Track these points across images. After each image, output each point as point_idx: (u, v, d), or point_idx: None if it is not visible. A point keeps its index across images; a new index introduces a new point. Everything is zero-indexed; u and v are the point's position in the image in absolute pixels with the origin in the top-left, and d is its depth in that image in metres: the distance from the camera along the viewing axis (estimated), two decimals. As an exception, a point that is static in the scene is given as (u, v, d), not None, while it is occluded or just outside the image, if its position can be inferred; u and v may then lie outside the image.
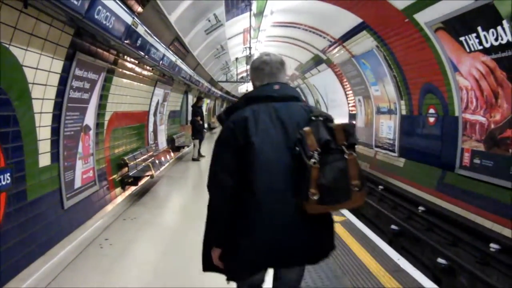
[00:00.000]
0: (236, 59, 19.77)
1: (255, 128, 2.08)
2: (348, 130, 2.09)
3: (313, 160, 1.97)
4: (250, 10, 11.36)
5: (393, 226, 8.26)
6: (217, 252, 2.17)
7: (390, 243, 7.66)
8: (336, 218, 6.21)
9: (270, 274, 2.34)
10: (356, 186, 2.00)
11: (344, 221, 6.10)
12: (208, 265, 2.26)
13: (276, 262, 2.13)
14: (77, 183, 5.08)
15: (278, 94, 2.22)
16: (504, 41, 7.17)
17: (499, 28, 7.13)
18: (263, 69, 2.36)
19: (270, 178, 2.03)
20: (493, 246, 6.94)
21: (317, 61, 19.95)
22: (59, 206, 4.54)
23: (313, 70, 22.13)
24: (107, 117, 6.33)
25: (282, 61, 2.46)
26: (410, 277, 4.09)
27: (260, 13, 12.05)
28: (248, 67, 17.52)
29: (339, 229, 5.68)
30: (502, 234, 7.41)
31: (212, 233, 2.22)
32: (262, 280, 2.36)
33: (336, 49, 16.12)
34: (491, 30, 7.34)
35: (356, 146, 2.09)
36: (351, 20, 12.27)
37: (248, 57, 15.69)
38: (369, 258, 4.60)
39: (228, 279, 2.20)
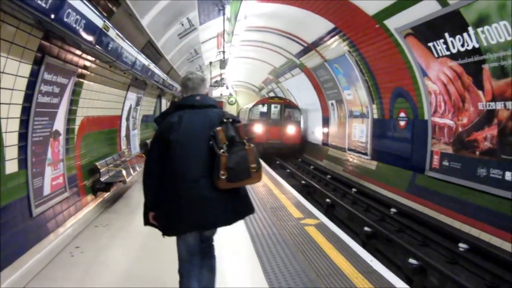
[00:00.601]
0: (210, 63, 19.69)
1: (179, 129, 2.88)
2: (247, 128, 2.98)
3: (222, 150, 2.81)
4: (224, 14, 11.35)
5: (366, 228, 8.39)
6: (152, 214, 3.04)
7: (364, 245, 7.77)
8: (310, 221, 6.29)
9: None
10: (254, 168, 2.91)
11: (318, 224, 6.16)
12: (146, 222, 3.12)
13: (199, 227, 2.96)
14: (46, 190, 4.94)
15: (198, 103, 3.03)
16: (470, 47, 7.42)
17: (465, 34, 7.37)
18: (188, 84, 3.15)
19: (189, 165, 2.84)
20: (462, 245, 7.14)
21: (290, 65, 20.11)
22: (27, 214, 4.40)
23: (287, 75, 22.29)
24: (77, 122, 6.19)
25: (203, 78, 3.23)
26: (383, 278, 4.16)
27: (233, 18, 12.06)
28: (221, 71, 17.00)
29: (313, 232, 5.73)
30: (470, 234, 7.65)
31: (146, 200, 3.07)
32: (196, 246, 3.08)
33: (309, 54, 16.28)
34: (457, 37, 7.59)
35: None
36: (323, 25, 12.45)
37: (222, 61, 15.66)
38: (342, 260, 4.66)
39: (163, 235, 3.02)
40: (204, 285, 3.15)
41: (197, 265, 3.09)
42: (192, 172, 2.84)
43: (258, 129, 20.87)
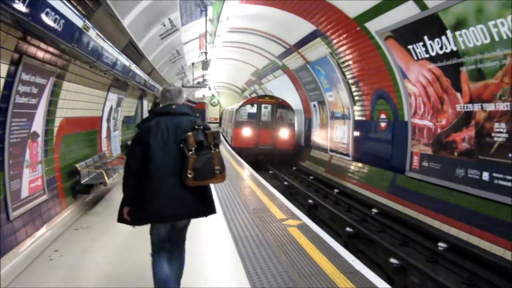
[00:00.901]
0: (193, 64, 19.59)
1: (155, 132, 3.27)
2: (215, 135, 3.38)
3: (191, 152, 3.20)
4: (206, 15, 11.31)
5: (348, 229, 8.46)
6: (127, 209, 3.39)
7: (346, 245, 7.84)
8: (293, 222, 6.31)
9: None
10: (218, 170, 3.31)
11: (301, 224, 6.19)
12: (120, 219, 3.48)
13: (168, 219, 3.34)
14: (24, 193, 4.84)
15: (174, 111, 3.43)
16: (448, 50, 7.57)
17: (443, 37, 7.52)
18: (166, 95, 3.57)
19: (162, 164, 3.22)
20: (441, 245, 7.27)
21: (273, 67, 20.16)
22: (4, 217, 4.30)
23: (270, 76, 22.33)
24: (57, 123, 6.08)
25: (180, 90, 3.65)
26: (364, 278, 4.20)
27: (216, 19, 12.03)
28: (203, 72, 16.83)
29: (295, 233, 5.75)
30: (449, 233, 7.79)
31: (124, 197, 3.41)
32: (166, 236, 3.45)
33: (291, 56, 16.35)
34: (436, 40, 7.73)
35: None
36: (305, 27, 12.53)
37: (205, 62, 15.61)
38: (324, 260, 4.69)
39: (134, 225, 3.45)
40: (174, 277, 3.45)
41: (166, 252, 3.46)
42: (164, 170, 3.24)
43: (247, 132, 19.04)
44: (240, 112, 19.92)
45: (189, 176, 3.18)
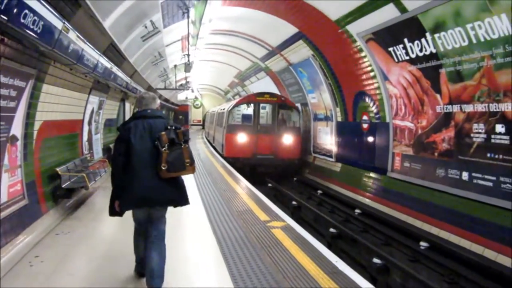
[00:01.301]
0: (175, 66, 19.47)
1: (134, 132, 3.82)
2: (184, 133, 3.92)
3: (164, 148, 3.73)
4: (188, 17, 11.26)
5: (331, 229, 8.52)
6: (117, 203, 3.85)
7: (329, 245, 7.89)
8: (277, 224, 6.32)
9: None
10: (188, 163, 3.83)
11: (285, 226, 6.20)
12: (112, 212, 3.96)
13: (145, 204, 3.86)
14: (3, 198, 4.74)
15: (149, 114, 3.97)
16: (428, 52, 7.70)
17: (423, 40, 7.65)
18: (142, 101, 4.15)
19: (140, 158, 3.75)
20: (423, 244, 7.37)
21: (256, 69, 20.20)
22: (-18, 223, 4.21)
23: (252, 78, 22.36)
24: (36, 126, 5.98)
25: (154, 96, 4.22)
26: (347, 278, 4.24)
27: (198, 21, 11.99)
28: (186, 75, 16.76)
29: (279, 234, 5.76)
30: (430, 232, 7.91)
31: (113, 190, 3.89)
32: (144, 220, 4.02)
33: (274, 58, 16.40)
34: (416, 42, 7.86)
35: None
36: (288, 29, 12.59)
37: (187, 65, 15.52)
38: (308, 261, 4.71)
39: (122, 213, 3.96)
40: (153, 266, 3.80)
41: (143, 236, 4.08)
42: (143, 163, 3.77)
43: (242, 139, 15.50)
44: (233, 113, 16.39)
45: (163, 168, 3.72)
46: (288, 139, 15.49)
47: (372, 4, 8.30)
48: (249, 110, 16.31)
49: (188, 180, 10.28)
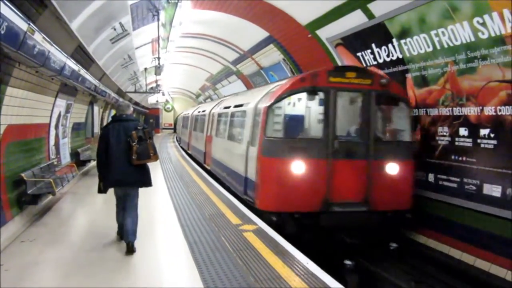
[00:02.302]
0: (145, 69, 19.25)
1: (112, 132, 5.23)
2: (150, 132, 5.36)
3: (134, 143, 5.08)
4: (158, 20, 11.18)
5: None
6: (101, 184, 5.36)
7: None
8: (248, 227, 6.34)
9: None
10: (152, 153, 5.20)
11: (256, 229, 6.23)
12: (99, 191, 5.38)
13: (121, 184, 5.30)
14: (-36, 205, 4.57)
15: (123, 118, 5.45)
16: (394, 58, 7.91)
17: (390, 45, 7.85)
18: (119, 108, 5.70)
19: (116, 151, 5.13)
20: (392, 244, 7.51)
21: (227, 72, 20.21)
22: None
23: (224, 81, 22.36)
24: (0, 130, 5.79)
25: (128, 104, 5.81)
26: (318, 279, 4.30)
27: (168, 24, 11.92)
28: (156, 78, 16.67)
29: (251, 237, 5.78)
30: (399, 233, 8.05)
31: (99, 175, 5.37)
32: (122, 196, 5.47)
33: (245, 61, 16.46)
34: (383, 47, 8.06)
35: None
36: (259, 33, 12.67)
37: (158, 68, 15.39)
38: (280, 264, 4.75)
39: (105, 191, 5.40)
40: (128, 228, 5.27)
41: (122, 208, 5.50)
42: (118, 154, 5.19)
43: (299, 170, 7.04)
44: (271, 115, 7.50)
45: (134, 158, 5.15)
46: (393, 169, 7.36)
47: (341, 10, 8.47)
48: (310, 106, 8.32)
49: (159, 184, 10.21)
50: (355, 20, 8.28)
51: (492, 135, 6.33)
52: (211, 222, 6.66)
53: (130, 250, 5.12)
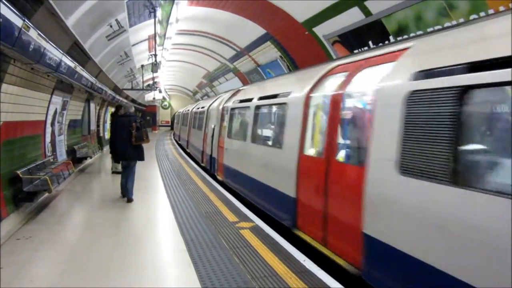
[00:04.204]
0: (142, 66, 19.19)
1: (118, 124, 8.15)
2: (143, 124, 8.20)
3: (133, 131, 7.83)
4: (155, 17, 11.14)
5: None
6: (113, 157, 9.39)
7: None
8: (245, 224, 6.35)
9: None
10: (145, 136, 7.99)
11: (253, 227, 6.23)
12: (114, 161, 10.62)
13: (124, 158, 8.15)
14: (-41, 202, 4.55)
15: (127, 114, 8.26)
16: (391, 54, 7.86)
17: (386, 42, 7.84)
18: (125, 107, 8.66)
19: (121, 136, 7.94)
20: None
21: (224, 69, 20.18)
22: None
23: (221, 79, 22.32)
24: (-5, 127, 5.77)
25: (131, 104, 10.97)
26: (315, 277, 4.30)
27: (165, 20, 11.88)
28: (153, 75, 16.75)
29: (248, 235, 5.78)
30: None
31: (110, 151, 8.89)
32: (125, 166, 8.18)
33: (242, 58, 16.44)
34: (380, 45, 8.05)
35: None
36: (256, 30, 12.63)
37: (154, 65, 15.34)
38: (277, 261, 4.75)
39: (116, 161, 10.54)
40: (128, 188, 8.00)
41: (125, 173, 8.10)
42: (122, 139, 7.85)
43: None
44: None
45: (133, 140, 7.78)
46: None
47: (338, 7, 8.45)
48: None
49: (156, 182, 10.20)
50: (352, 17, 8.26)
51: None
52: (208, 219, 6.65)
53: (130, 200, 8.01)
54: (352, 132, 5.04)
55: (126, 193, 8.01)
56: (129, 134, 7.73)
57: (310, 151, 5.70)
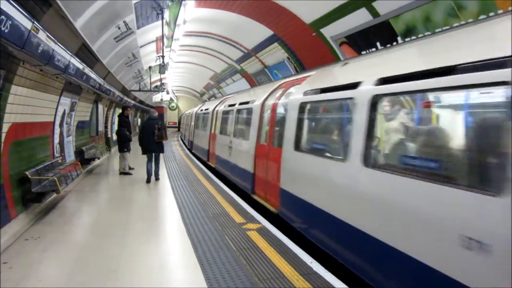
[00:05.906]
0: (150, 67, 19.27)
1: (145, 126, 10.86)
2: (164, 126, 10.90)
3: (156, 131, 10.45)
4: (163, 18, 11.19)
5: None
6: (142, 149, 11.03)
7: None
8: (252, 226, 6.34)
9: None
10: (165, 135, 10.67)
11: (260, 228, 6.22)
12: (143, 153, 11.01)
13: (150, 151, 10.69)
14: (-31, 203, 4.59)
15: (152, 118, 11.09)
16: (399, 56, 7.81)
17: (394, 44, 7.80)
18: (150, 113, 12.85)
19: (146, 135, 10.56)
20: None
21: (231, 71, 20.19)
22: None
23: (228, 80, 22.34)
24: (5, 128, 5.81)
25: (154, 111, 11.85)
26: (322, 278, 4.28)
27: (173, 22, 11.92)
28: (161, 76, 17.07)
29: (255, 236, 5.77)
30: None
31: (141, 146, 10.88)
32: (151, 157, 10.75)
33: (250, 60, 16.44)
34: (388, 46, 8.00)
35: None
36: (263, 32, 12.63)
37: (162, 66, 15.39)
38: (284, 263, 4.74)
39: (145, 153, 10.93)
40: (156, 171, 10.85)
41: (151, 163, 10.71)
42: (148, 137, 10.48)
43: None
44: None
45: (156, 138, 10.36)
46: None
47: (346, 8, 8.42)
48: None
49: (163, 182, 10.25)
50: (360, 18, 8.23)
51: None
52: (215, 221, 6.66)
53: (157, 179, 10.77)
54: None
55: (154, 175, 10.75)
56: (153, 134, 10.28)
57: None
